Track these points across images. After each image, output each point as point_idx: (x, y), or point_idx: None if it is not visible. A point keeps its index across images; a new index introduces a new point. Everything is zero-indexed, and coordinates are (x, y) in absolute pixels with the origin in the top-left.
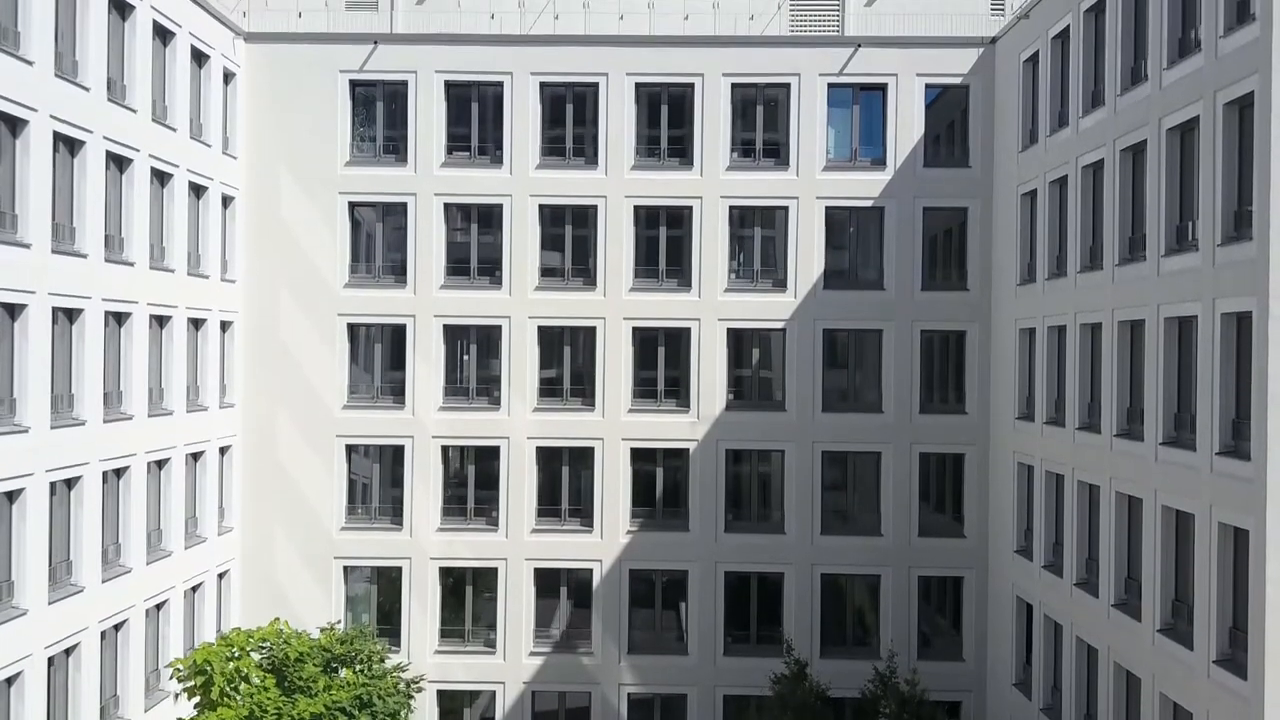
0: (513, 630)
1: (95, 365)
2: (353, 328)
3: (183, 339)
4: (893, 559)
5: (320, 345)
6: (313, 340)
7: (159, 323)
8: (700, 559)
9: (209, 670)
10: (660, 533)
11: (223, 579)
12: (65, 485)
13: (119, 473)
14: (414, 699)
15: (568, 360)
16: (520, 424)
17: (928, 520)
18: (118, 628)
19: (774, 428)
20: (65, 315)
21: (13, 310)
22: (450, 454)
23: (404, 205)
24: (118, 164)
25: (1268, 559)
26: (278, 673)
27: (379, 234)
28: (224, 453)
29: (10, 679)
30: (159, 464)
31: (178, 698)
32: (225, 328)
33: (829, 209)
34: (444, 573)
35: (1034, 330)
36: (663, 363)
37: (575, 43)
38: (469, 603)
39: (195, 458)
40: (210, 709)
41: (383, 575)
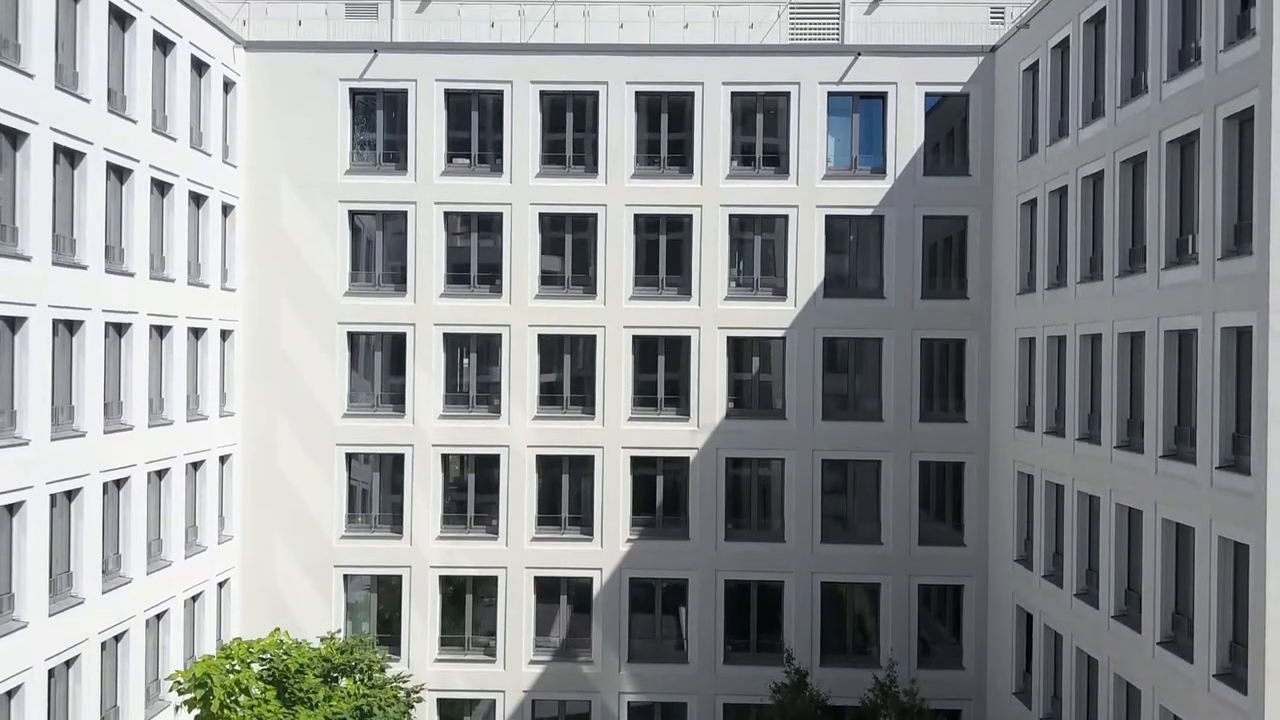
0: (513, 639)
1: (95, 376)
2: (353, 336)
3: (183, 349)
4: (893, 567)
5: (320, 354)
6: (313, 349)
7: (159, 333)
8: (700, 567)
9: (209, 683)
10: (660, 541)
11: (223, 588)
12: (65, 497)
13: (119, 483)
14: (414, 709)
15: (568, 368)
16: (520, 432)
17: (928, 529)
18: (118, 638)
19: (774, 436)
20: (66, 327)
21: (13, 323)
22: (450, 462)
23: (404, 213)
24: (118, 175)
25: (1268, 574)
26: (278, 684)
27: (379, 242)
28: (224, 461)
29: (10, 692)
30: (159, 474)
31: (178, 709)
32: (225, 336)
33: (829, 217)
34: (444, 581)
35: (1034, 340)
36: (663, 371)
37: (575, 51)
38: (469, 611)
39: (195, 467)
40: None
41: (383, 584)
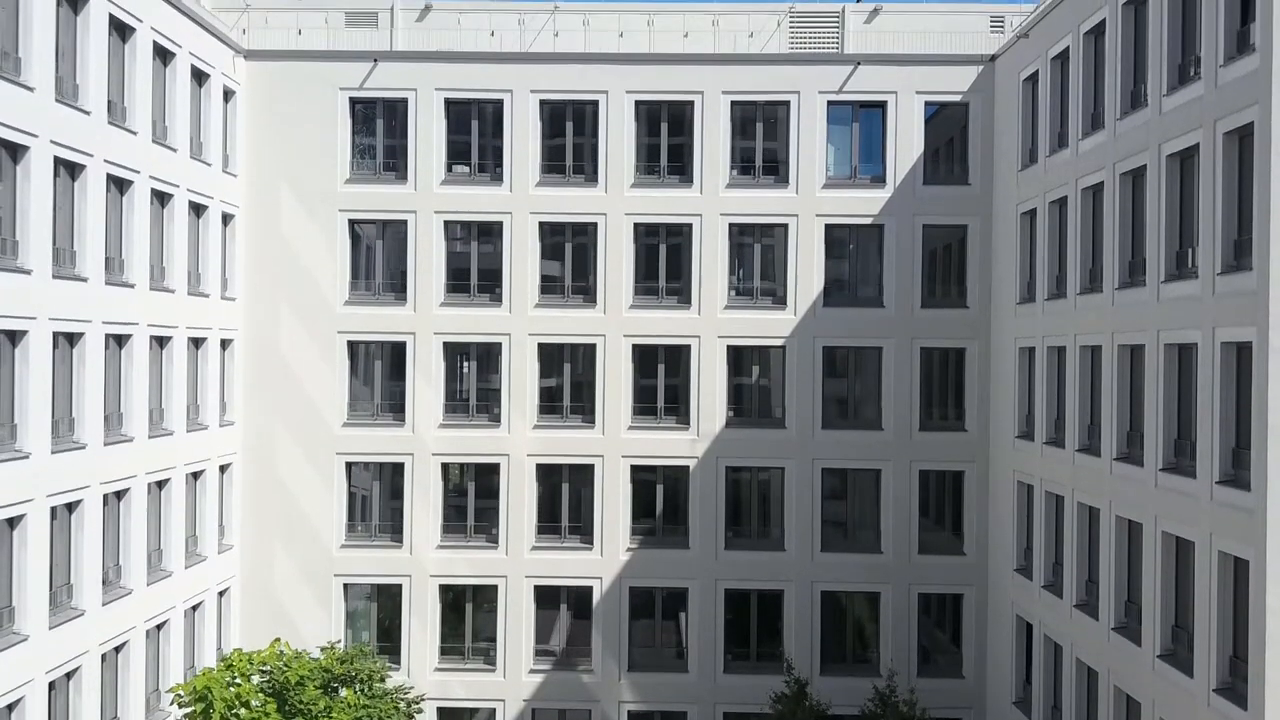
0: (513, 648)
1: (96, 388)
2: (353, 345)
3: (183, 359)
4: (893, 576)
5: (320, 362)
6: (313, 357)
7: (159, 343)
8: (700, 576)
9: (209, 696)
10: (660, 550)
11: (223, 597)
12: (66, 509)
13: (119, 494)
14: (414, 719)
15: (568, 377)
16: (520, 441)
17: (927, 537)
18: (118, 650)
19: (774, 445)
20: (66, 339)
21: (14, 336)
22: (450, 471)
23: (404, 222)
24: (118, 186)
25: (1268, 590)
26: (278, 696)
27: (379, 251)
28: (224, 471)
29: (11, 705)
30: (159, 484)
31: None
32: (225, 345)
33: (829, 226)
34: (444, 590)
35: (1033, 350)
36: (663, 380)
37: (575, 60)
38: (469, 620)
39: (195, 476)
40: None
41: (383, 592)
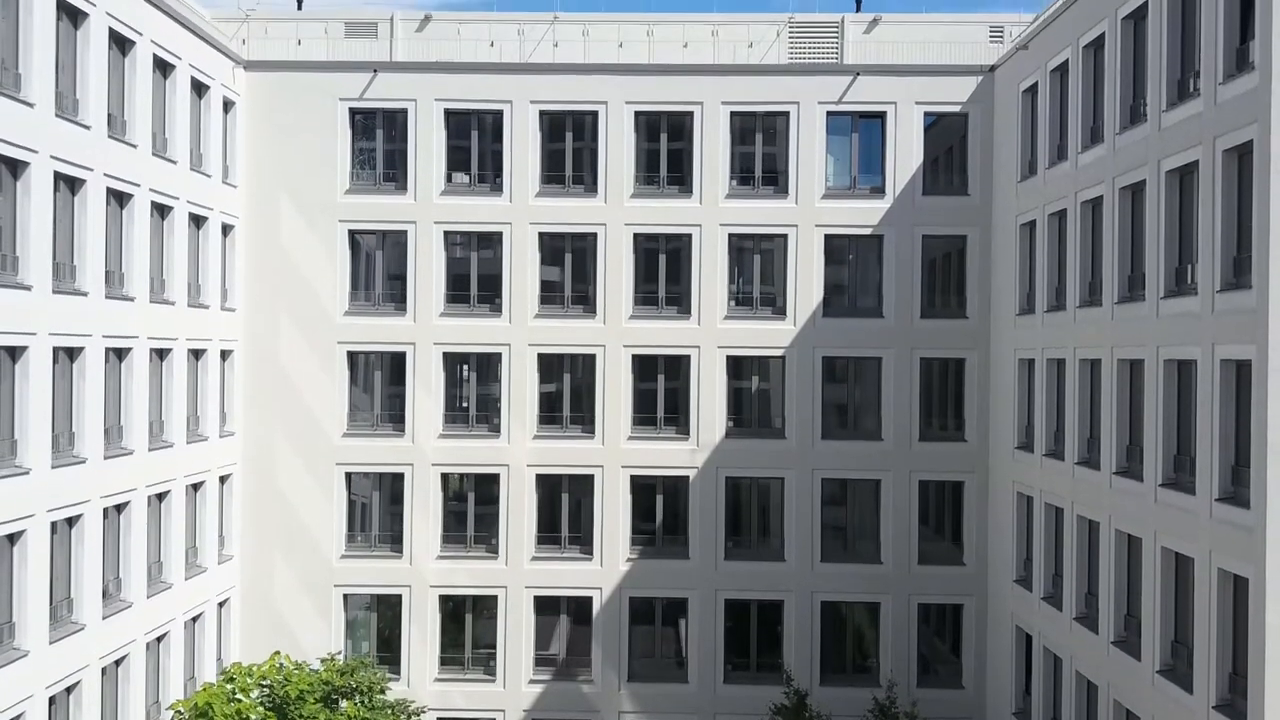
0: (512, 658)
1: (96, 402)
2: (352, 355)
3: (183, 370)
4: (892, 586)
5: (320, 373)
6: (312, 368)
7: (159, 355)
8: (700, 586)
9: (210, 713)
10: (660, 560)
11: (223, 607)
12: (66, 524)
13: (120, 508)
14: None
15: (567, 387)
16: (520, 451)
17: (927, 548)
18: (118, 663)
19: (774, 455)
20: (66, 354)
21: (14, 352)
22: (450, 481)
23: (404, 233)
24: (118, 200)
25: (1267, 608)
26: (279, 710)
27: (379, 261)
28: (224, 481)
29: None
30: (159, 497)
31: None
32: (225, 356)
33: (828, 236)
34: (444, 600)
35: (1033, 361)
36: (662, 390)
37: (575, 71)
38: (469, 630)
39: (195, 488)
40: None
41: (383, 603)
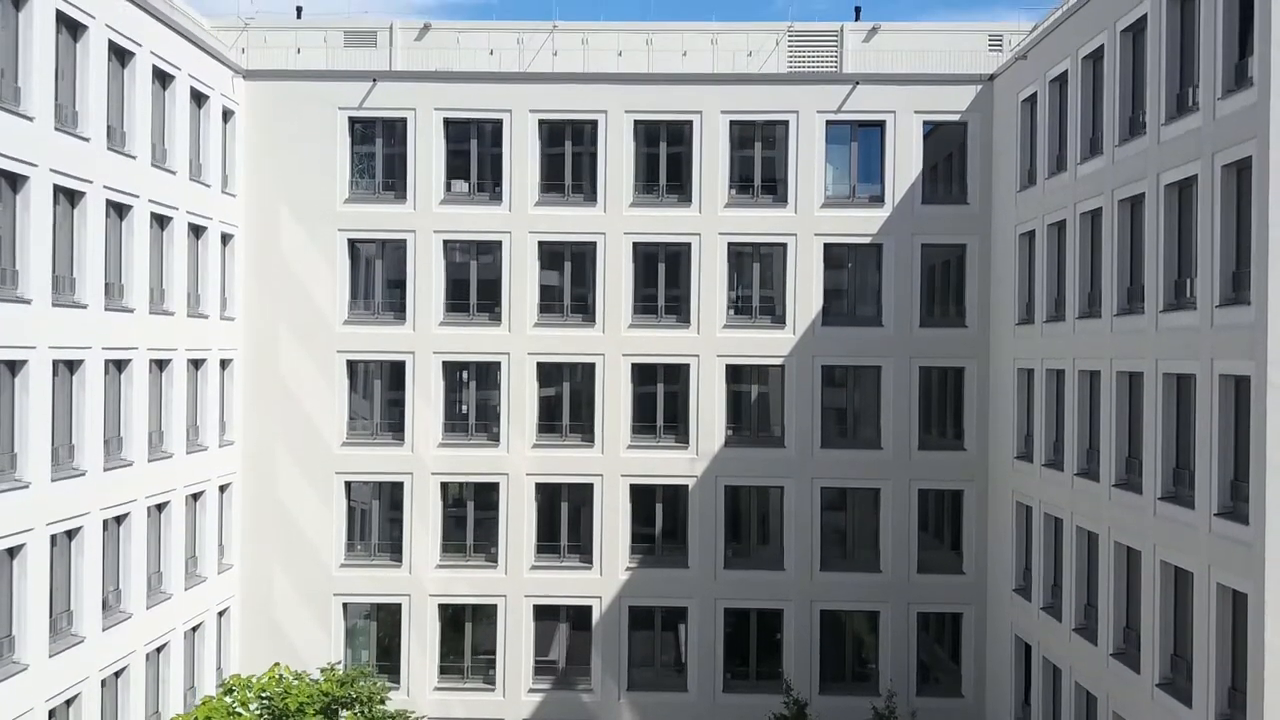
0: (512, 667)
1: (95, 414)
2: (352, 364)
3: (182, 381)
4: (892, 595)
5: (319, 382)
6: (312, 377)
7: (159, 366)
8: (699, 595)
9: None
10: (659, 569)
11: (222, 617)
12: (66, 536)
13: (119, 519)
14: None
15: (567, 396)
16: (519, 460)
17: (927, 556)
18: (118, 674)
19: (773, 464)
20: (66, 367)
21: (13, 366)
22: (449, 490)
23: (403, 242)
24: (118, 211)
25: (1266, 625)
26: None
27: (378, 270)
28: (223, 491)
29: None
30: (159, 507)
31: None
32: (225, 365)
33: (827, 245)
34: (443, 609)
35: (1032, 371)
36: (662, 399)
37: (574, 80)
38: (468, 639)
39: (195, 498)
40: None
41: (382, 612)
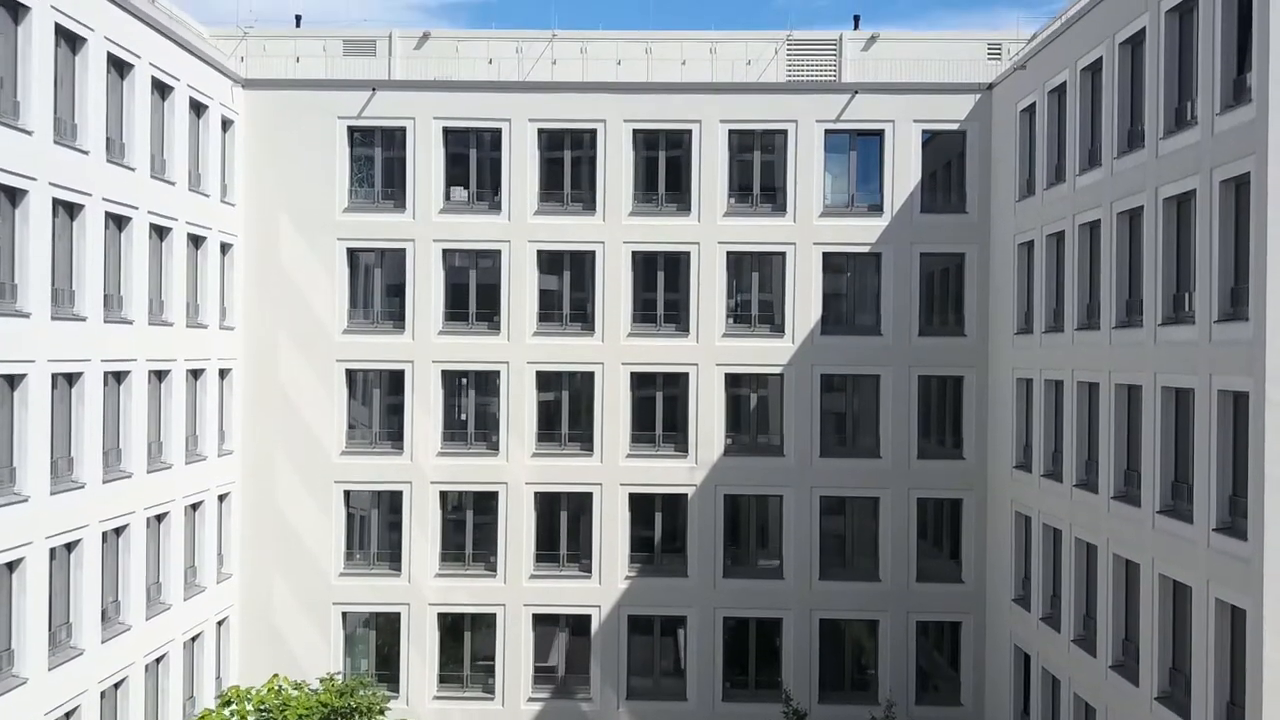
0: (511, 676)
1: (94, 426)
2: (351, 373)
3: (181, 391)
4: (891, 604)
5: (319, 391)
6: (311, 386)
7: (158, 377)
8: (698, 604)
9: None
10: (659, 578)
11: (222, 626)
12: (65, 549)
13: (119, 531)
14: None
15: (566, 405)
16: (518, 469)
17: (926, 565)
18: (117, 686)
19: (772, 473)
20: (65, 379)
21: (12, 380)
22: (448, 499)
23: (402, 251)
24: (117, 223)
25: (1265, 642)
26: None
27: (377, 279)
28: (222, 500)
29: None
30: (158, 518)
31: None
32: (224, 375)
33: (826, 254)
34: (442, 618)
35: (1031, 381)
36: (661, 408)
37: (573, 89)
38: (468, 648)
39: (194, 508)
40: None
41: (381, 620)
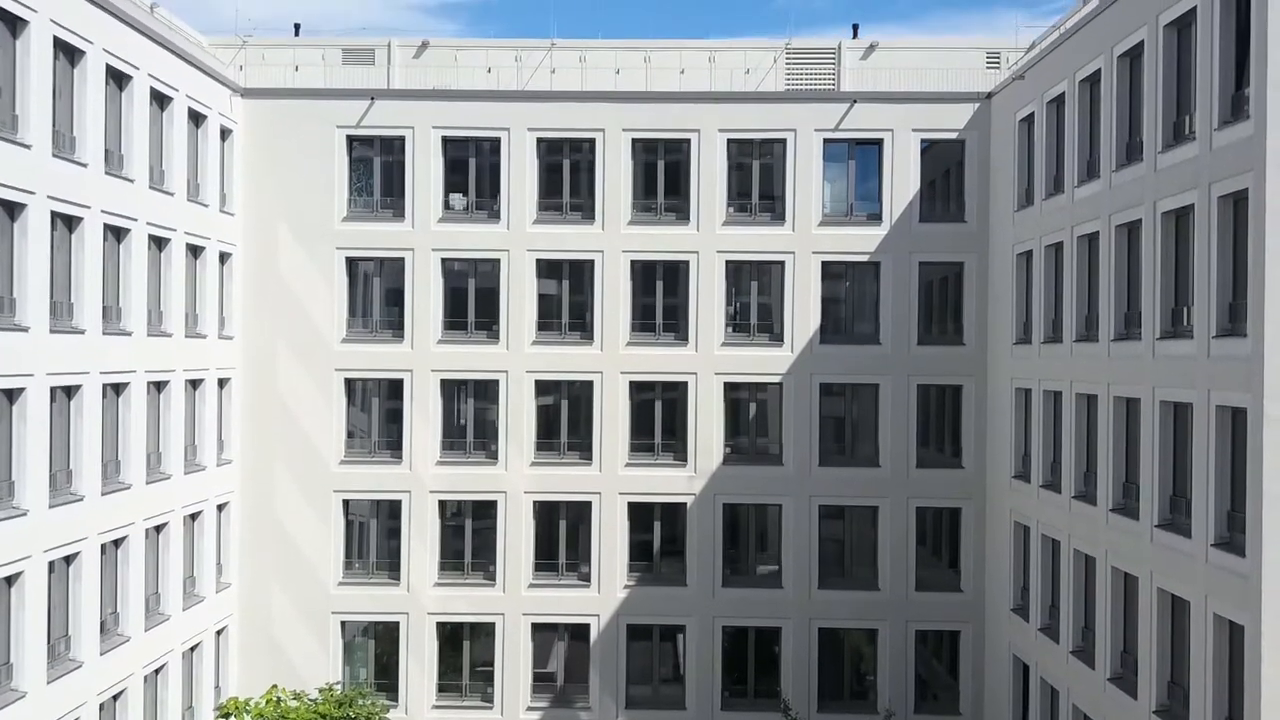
0: (510, 685)
1: (93, 439)
2: (350, 382)
3: (180, 402)
4: (890, 613)
5: (317, 400)
6: (310, 395)
7: (157, 388)
8: (697, 613)
9: None
10: (658, 587)
11: (221, 636)
12: (64, 562)
13: (117, 543)
14: None
15: (565, 414)
16: (518, 478)
17: (925, 574)
18: (116, 698)
19: (771, 482)
20: (64, 392)
21: (11, 394)
22: (447, 508)
23: (401, 260)
24: (115, 235)
25: (1263, 658)
26: None
27: (376, 288)
28: (221, 510)
29: None
30: (157, 529)
31: None
32: (223, 385)
33: (825, 263)
34: (441, 627)
35: (1030, 391)
36: (660, 417)
37: (572, 98)
38: (466, 657)
39: (193, 518)
40: None
41: (380, 630)
